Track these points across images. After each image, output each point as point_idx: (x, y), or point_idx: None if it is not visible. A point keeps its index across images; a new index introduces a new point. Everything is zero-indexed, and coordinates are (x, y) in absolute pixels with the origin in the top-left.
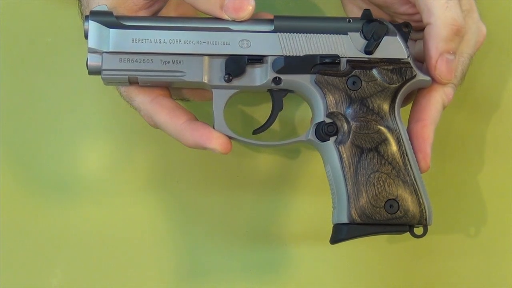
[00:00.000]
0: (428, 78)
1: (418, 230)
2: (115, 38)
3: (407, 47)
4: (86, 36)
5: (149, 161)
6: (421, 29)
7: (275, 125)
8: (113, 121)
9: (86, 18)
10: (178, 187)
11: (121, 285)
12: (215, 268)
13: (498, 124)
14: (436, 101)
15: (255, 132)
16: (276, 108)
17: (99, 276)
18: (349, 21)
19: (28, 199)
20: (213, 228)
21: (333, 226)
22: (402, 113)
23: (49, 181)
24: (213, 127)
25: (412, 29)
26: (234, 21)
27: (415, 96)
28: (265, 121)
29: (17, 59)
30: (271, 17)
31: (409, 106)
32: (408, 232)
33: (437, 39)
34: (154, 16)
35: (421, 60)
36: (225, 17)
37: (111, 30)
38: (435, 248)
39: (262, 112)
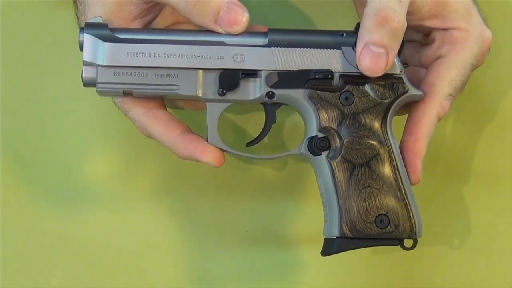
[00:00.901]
0: (420, 92)
1: (408, 242)
2: (109, 52)
3: (399, 61)
4: (81, 48)
5: (152, 165)
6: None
7: (268, 137)
8: (114, 122)
9: (81, 30)
10: (180, 192)
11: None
12: (218, 272)
13: (490, 136)
14: (430, 114)
15: (248, 144)
16: (269, 121)
17: (99, 279)
18: (342, 34)
19: (28, 200)
20: (215, 232)
21: (324, 239)
22: (399, 122)
23: (50, 182)
24: (207, 140)
25: (405, 42)
26: (228, 34)
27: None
28: (259, 134)
29: (17, 59)
30: (265, 29)
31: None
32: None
33: (361, 29)
34: (149, 29)
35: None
36: (220, 30)
37: (106, 44)
38: (424, 257)
39: (255, 123)
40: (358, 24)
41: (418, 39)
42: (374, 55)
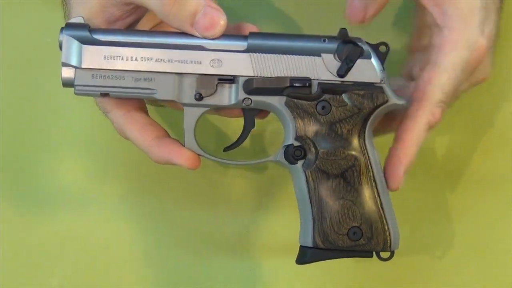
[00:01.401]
0: (402, 102)
1: (385, 254)
2: (88, 54)
3: (382, 69)
4: (60, 48)
5: (140, 171)
6: None
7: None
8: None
9: (61, 30)
10: (168, 197)
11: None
12: (205, 280)
13: (484, 143)
14: (420, 122)
15: (226, 149)
16: (247, 127)
17: (100, 279)
18: (324, 40)
19: (28, 200)
20: (192, 238)
21: (300, 246)
22: None
23: (49, 182)
24: (183, 145)
25: (389, 49)
26: (205, 38)
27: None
28: (237, 139)
29: (16, 59)
30: (254, 29)
31: None
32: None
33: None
34: (129, 30)
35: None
36: (196, 34)
37: (84, 46)
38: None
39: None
40: (342, 30)
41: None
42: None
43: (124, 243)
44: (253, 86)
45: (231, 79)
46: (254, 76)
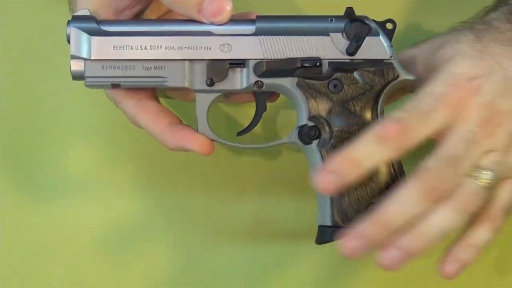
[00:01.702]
0: (412, 77)
1: None
2: (97, 45)
3: (390, 46)
4: (68, 41)
5: (149, 160)
6: None
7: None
8: (112, 121)
9: (68, 23)
10: (172, 186)
11: (121, 285)
12: (215, 266)
13: None
14: None
15: (239, 134)
16: (260, 110)
17: (100, 279)
18: (331, 20)
19: (27, 199)
20: (206, 226)
21: (318, 227)
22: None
23: (49, 182)
24: (197, 130)
25: (396, 26)
26: (213, 24)
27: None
28: (249, 123)
29: (16, 59)
30: (253, 16)
31: None
32: None
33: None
34: (136, 20)
35: None
36: (204, 20)
37: (92, 37)
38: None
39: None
40: (348, 9)
41: None
42: None
43: (125, 242)
44: (264, 69)
45: (241, 63)
46: (264, 59)
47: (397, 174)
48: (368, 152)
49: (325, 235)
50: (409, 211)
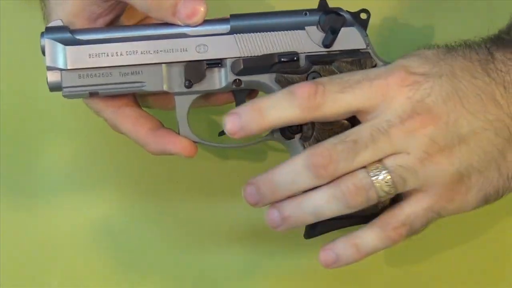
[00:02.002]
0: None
1: None
2: (72, 55)
3: (365, 35)
4: (43, 53)
5: (144, 163)
6: None
7: None
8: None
9: (42, 35)
10: (166, 191)
11: (121, 286)
12: (210, 267)
13: None
14: None
15: (221, 134)
16: None
17: (100, 279)
18: (305, 14)
19: (28, 200)
20: (199, 229)
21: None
22: None
23: (49, 182)
24: (178, 133)
25: (370, 16)
26: (188, 26)
27: None
28: None
29: (16, 59)
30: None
31: None
32: None
33: None
34: (110, 27)
35: None
36: (178, 22)
37: (67, 47)
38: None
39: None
40: (321, 1)
41: None
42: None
43: (124, 242)
44: (241, 67)
45: (218, 63)
46: (241, 57)
47: None
48: (275, 104)
49: (316, 228)
50: (293, 178)
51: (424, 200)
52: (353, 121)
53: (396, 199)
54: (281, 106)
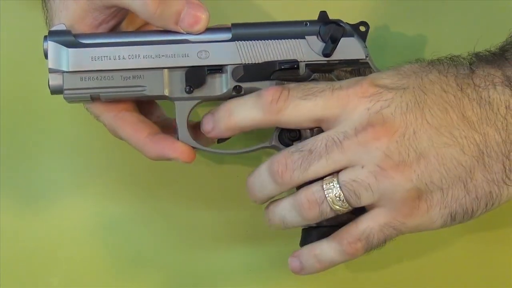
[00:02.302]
0: None
1: None
2: (74, 57)
3: (365, 47)
4: (46, 56)
5: (144, 166)
6: None
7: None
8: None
9: (45, 38)
10: (166, 194)
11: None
12: (211, 269)
13: None
14: None
15: (220, 141)
16: None
17: (100, 279)
18: (306, 24)
19: (28, 200)
20: (197, 233)
21: (302, 230)
22: None
23: (49, 182)
24: (177, 139)
25: (369, 28)
26: (190, 34)
27: None
28: None
29: (16, 59)
30: (229, 25)
31: None
32: None
33: None
34: (112, 32)
35: None
36: (181, 31)
37: (69, 49)
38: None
39: None
40: (321, 13)
41: None
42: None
43: (124, 242)
44: (242, 73)
45: (219, 69)
46: (242, 63)
47: None
48: (243, 106)
49: (311, 235)
50: (261, 184)
51: (380, 215)
52: None
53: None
54: (247, 108)
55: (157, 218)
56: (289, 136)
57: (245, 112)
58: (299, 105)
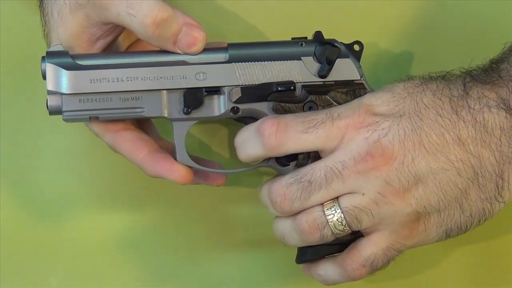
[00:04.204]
0: None
1: None
2: (73, 80)
3: (359, 67)
4: (44, 77)
5: (135, 171)
6: None
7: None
8: None
9: (43, 59)
10: (165, 197)
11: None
12: (214, 272)
13: None
14: None
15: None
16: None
17: (99, 279)
18: (301, 44)
19: (28, 201)
20: (196, 238)
21: (298, 248)
22: None
23: (49, 182)
24: (175, 159)
25: (363, 47)
26: (187, 54)
27: None
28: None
29: (16, 59)
30: (225, 45)
31: None
32: None
33: None
34: (110, 53)
35: None
36: (178, 51)
37: (68, 72)
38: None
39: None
40: (317, 33)
41: None
42: None
43: (123, 243)
44: (239, 95)
45: (217, 90)
46: (240, 85)
47: None
48: (246, 142)
49: (307, 254)
50: (266, 205)
51: (382, 240)
52: None
53: None
54: (250, 145)
55: (156, 220)
56: (286, 157)
57: (249, 150)
58: (300, 139)
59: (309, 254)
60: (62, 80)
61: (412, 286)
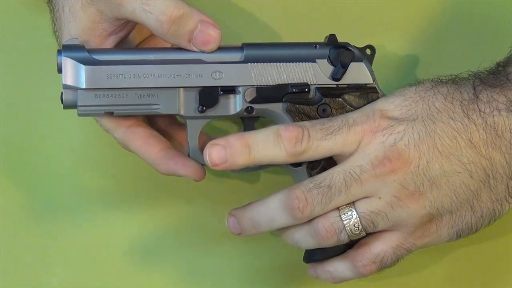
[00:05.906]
0: None
1: None
2: (89, 75)
3: (372, 71)
4: (59, 70)
5: (150, 173)
6: None
7: None
8: None
9: (59, 52)
10: (166, 195)
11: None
12: (214, 272)
13: None
14: None
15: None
16: None
17: (99, 279)
18: (315, 47)
19: (28, 201)
20: (198, 235)
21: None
22: None
23: (50, 183)
24: (188, 155)
25: (375, 51)
26: (202, 52)
27: None
28: None
29: (16, 59)
30: (239, 45)
31: None
32: None
33: None
34: (127, 49)
35: None
36: (193, 49)
37: (85, 67)
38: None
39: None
40: (331, 36)
41: None
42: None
43: (123, 242)
44: (255, 95)
45: (232, 90)
46: (255, 85)
47: None
48: (263, 144)
49: (315, 254)
50: (272, 217)
51: (393, 239)
52: None
53: None
54: (269, 147)
55: (157, 219)
56: None
57: (267, 151)
58: (320, 146)
59: (318, 255)
60: (78, 74)
61: (412, 286)
